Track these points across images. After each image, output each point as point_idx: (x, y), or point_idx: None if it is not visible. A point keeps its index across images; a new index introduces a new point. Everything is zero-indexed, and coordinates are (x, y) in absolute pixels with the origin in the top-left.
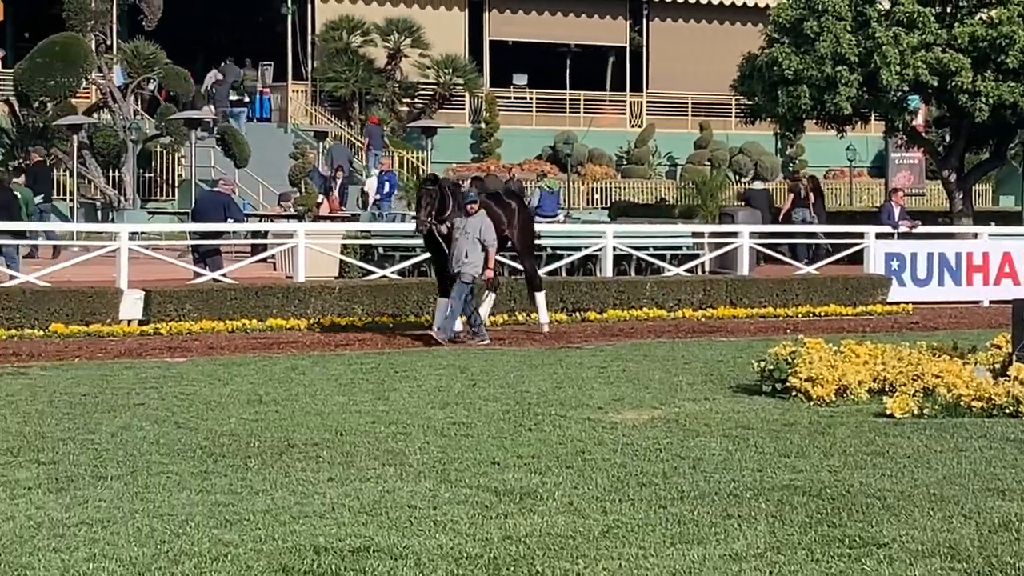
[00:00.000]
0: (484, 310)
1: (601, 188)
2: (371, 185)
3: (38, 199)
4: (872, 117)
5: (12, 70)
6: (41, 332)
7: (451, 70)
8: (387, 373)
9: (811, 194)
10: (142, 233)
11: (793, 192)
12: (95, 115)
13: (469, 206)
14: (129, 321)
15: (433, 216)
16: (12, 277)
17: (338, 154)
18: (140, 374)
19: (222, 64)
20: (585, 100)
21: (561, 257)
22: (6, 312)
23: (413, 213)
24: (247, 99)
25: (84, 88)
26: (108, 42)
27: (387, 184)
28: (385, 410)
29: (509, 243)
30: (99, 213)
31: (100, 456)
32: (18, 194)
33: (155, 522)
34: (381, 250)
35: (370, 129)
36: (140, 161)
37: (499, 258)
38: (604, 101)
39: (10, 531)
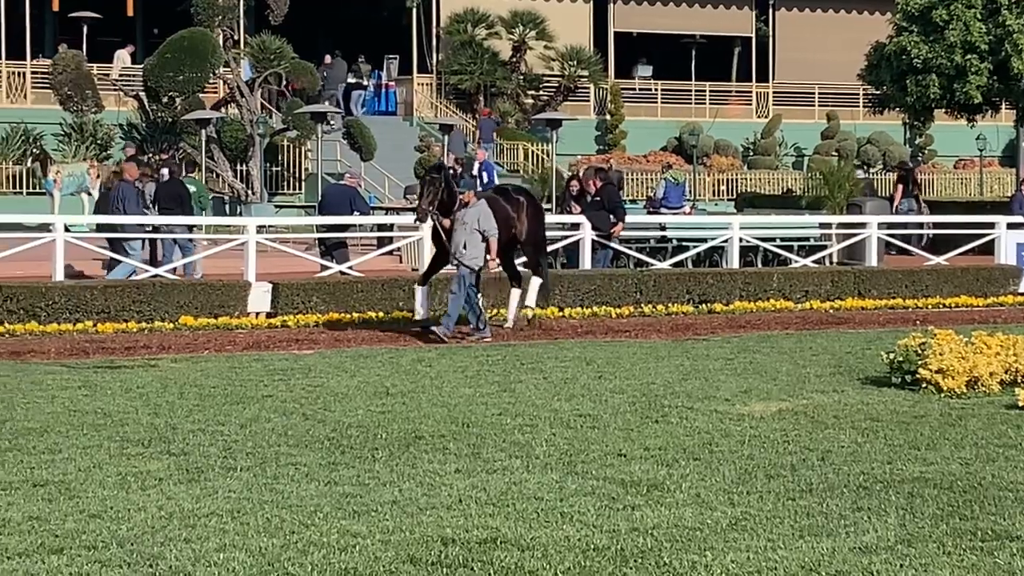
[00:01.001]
0: (513, 307)
1: (727, 179)
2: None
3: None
4: (1003, 106)
5: (141, 66)
6: (171, 325)
7: (576, 62)
8: (513, 365)
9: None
10: (269, 226)
11: (901, 182)
12: (223, 110)
13: (462, 196)
14: (257, 314)
15: (435, 206)
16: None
17: (455, 143)
18: (268, 366)
19: (329, 58)
20: (711, 91)
21: (687, 249)
22: (137, 305)
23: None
24: (365, 82)
25: (212, 83)
26: (235, 37)
27: (485, 175)
28: (511, 402)
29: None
30: (227, 207)
31: (229, 447)
32: (191, 187)
33: (284, 513)
34: None
35: (482, 122)
36: (267, 155)
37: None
38: (730, 92)
39: (142, 521)
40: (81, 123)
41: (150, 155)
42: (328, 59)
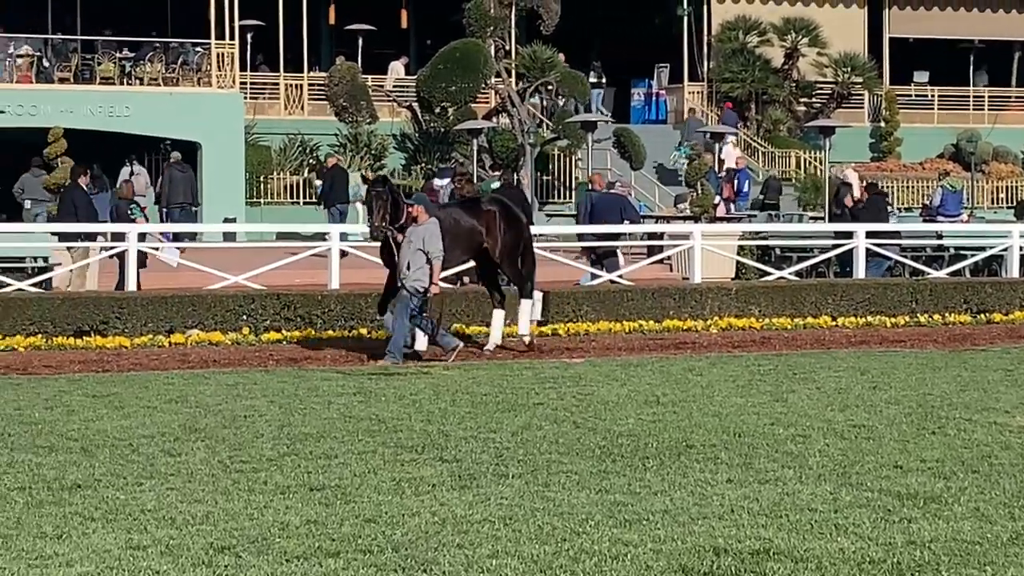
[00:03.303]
0: (523, 321)
1: (1006, 186)
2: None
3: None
4: None
5: (415, 77)
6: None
7: (850, 69)
8: (785, 375)
9: None
10: (540, 235)
11: None
12: (494, 119)
13: (412, 209)
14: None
15: (387, 222)
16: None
17: (692, 132)
18: (539, 374)
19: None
20: (989, 96)
21: (964, 257)
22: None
23: (810, 213)
24: (603, 79)
25: (483, 93)
26: (506, 47)
27: (740, 181)
28: (784, 412)
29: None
30: None
31: (501, 454)
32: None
33: (555, 520)
34: (778, 251)
35: (725, 114)
36: (537, 164)
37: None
38: (1010, 97)
39: (416, 527)
40: (356, 134)
41: (423, 164)
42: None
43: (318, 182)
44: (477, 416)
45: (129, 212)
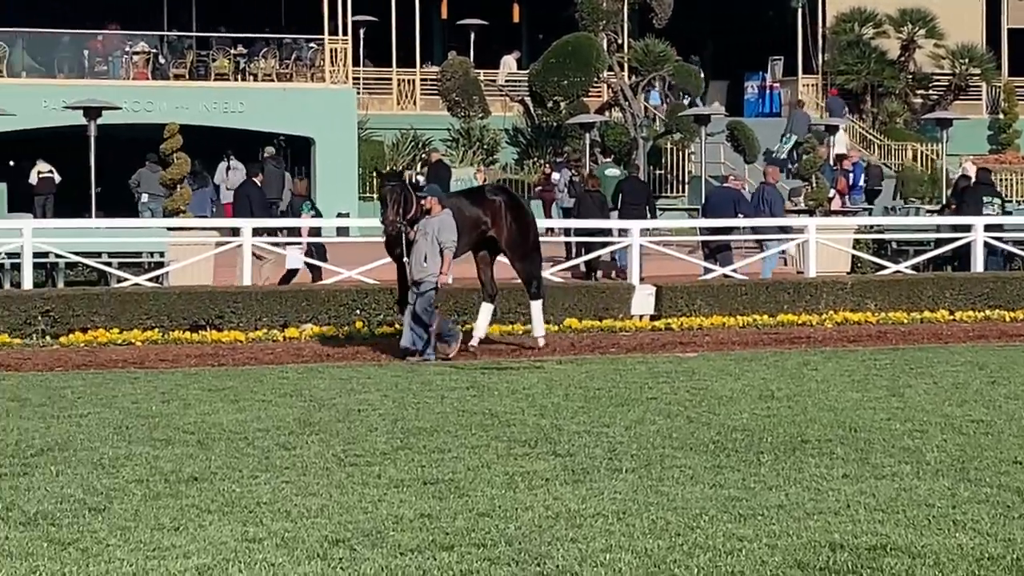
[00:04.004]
0: (481, 322)
1: None
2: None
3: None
4: None
5: (527, 71)
6: (556, 327)
7: (967, 60)
8: (902, 369)
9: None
10: (653, 229)
11: None
12: (606, 113)
13: (426, 201)
14: (641, 316)
15: (401, 215)
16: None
17: (799, 124)
18: (652, 369)
19: None
20: None
21: None
22: (523, 308)
23: (927, 207)
24: (701, 74)
25: (596, 87)
26: (619, 41)
27: (855, 175)
28: (900, 407)
29: (499, 245)
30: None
31: (614, 449)
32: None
33: (669, 515)
34: (895, 244)
35: (830, 101)
36: (650, 158)
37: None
38: None
39: (529, 521)
40: (468, 128)
41: (535, 159)
42: None
43: (420, 177)
44: (590, 410)
45: (302, 208)
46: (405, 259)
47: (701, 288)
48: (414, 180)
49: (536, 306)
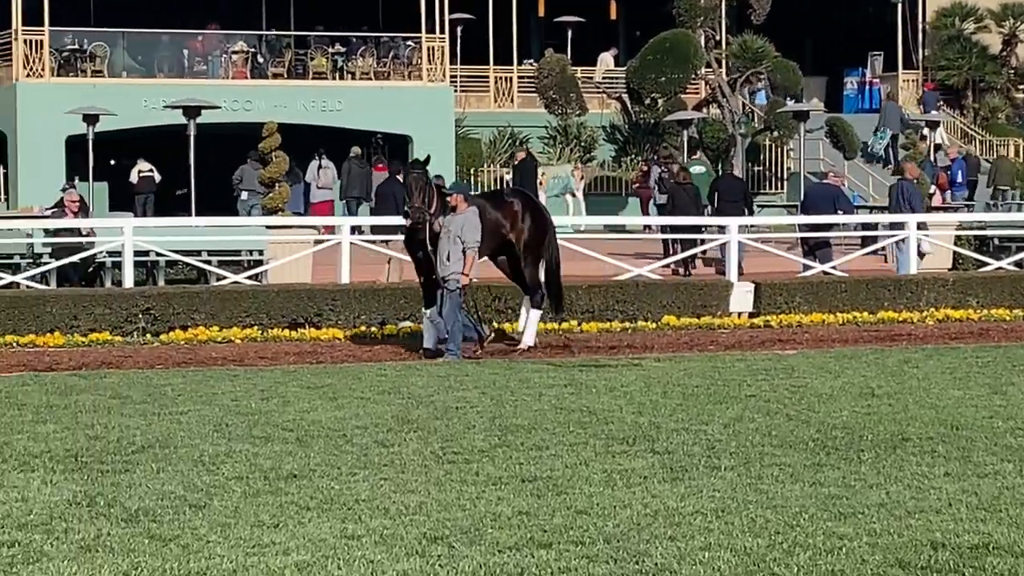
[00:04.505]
0: (530, 330)
1: None
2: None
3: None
4: None
5: (624, 68)
6: (654, 324)
7: None
8: (1004, 367)
9: None
10: (752, 226)
11: None
12: (704, 110)
13: (451, 198)
14: (739, 313)
15: (427, 204)
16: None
17: (891, 118)
18: (751, 366)
19: None
20: None
21: None
22: (621, 305)
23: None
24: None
25: (693, 83)
26: (716, 37)
27: (954, 171)
28: (1003, 405)
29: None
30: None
31: (713, 446)
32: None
33: (768, 513)
34: (996, 241)
35: (925, 96)
36: (749, 154)
37: None
38: None
39: (627, 518)
40: (565, 126)
41: (632, 156)
42: None
43: (508, 176)
44: (688, 408)
45: None
46: (430, 248)
47: (800, 285)
48: (506, 182)
49: (535, 316)
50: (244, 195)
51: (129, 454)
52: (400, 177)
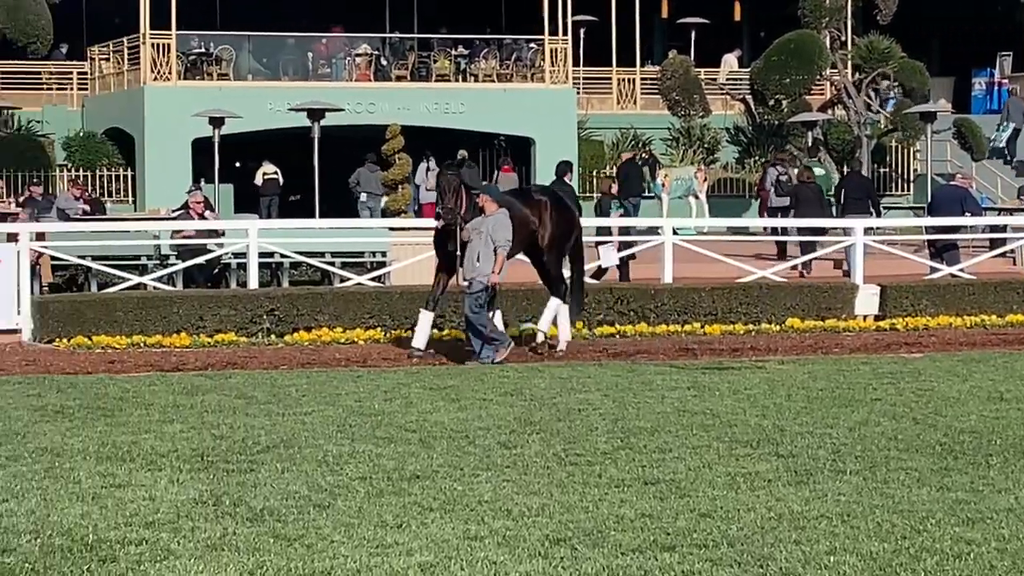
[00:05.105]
0: (546, 317)
1: None
2: None
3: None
4: None
5: (748, 69)
6: (777, 327)
7: None
8: None
9: None
10: (876, 228)
11: None
12: (829, 111)
13: (479, 199)
14: (864, 316)
15: (460, 206)
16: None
17: (1015, 112)
18: (876, 369)
19: None
20: None
21: None
22: (744, 307)
23: None
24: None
25: (818, 85)
26: (842, 38)
27: None
28: None
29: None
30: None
31: (838, 450)
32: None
33: (894, 517)
34: None
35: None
36: (874, 156)
37: None
38: None
39: (752, 522)
40: (688, 127)
41: (756, 158)
42: None
43: (650, 177)
44: (813, 411)
45: (611, 208)
46: (458, 254)
47: (927, 288)
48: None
49: (553, 303)
50: (363, 197)
51: (254, 454)
52: (566, 179)
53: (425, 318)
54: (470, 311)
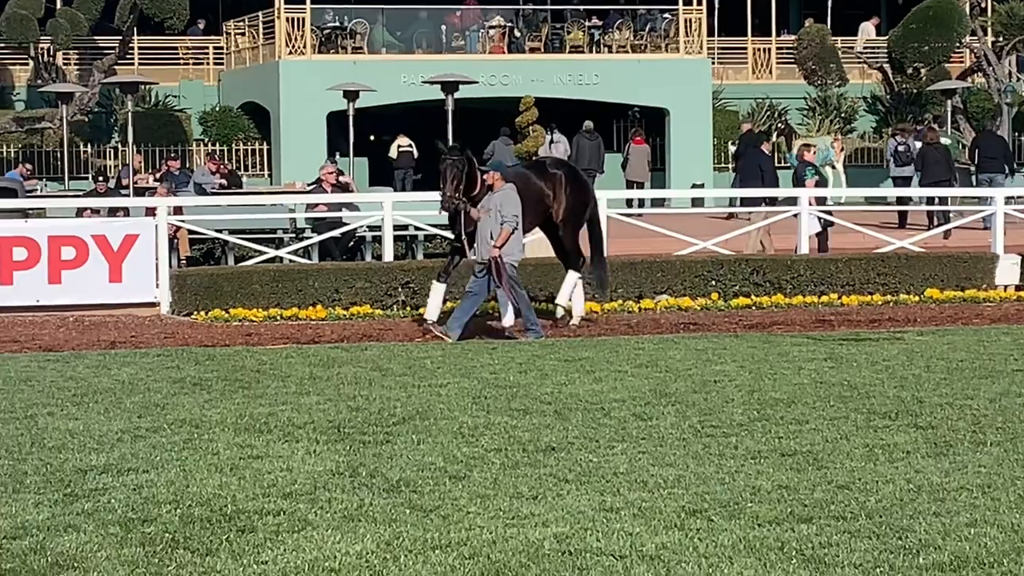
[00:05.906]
0: (564, 291)
1: None
2: None
3: None
4: None
5: (886, 37)
6: (916, 297)
7: None
8: None
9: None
10: (1018, 197)
11: None
12: (969, 79)
13: (487, 176)
14: (1005, 286)
15: (460, 192)
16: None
17: None
18: (1017, 340)
19: None
20: None
21: None
22: (882, 278)
23: None
24: None
25: (958, 52)
26: (982, 4)
27: None
28: None
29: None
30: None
31: (978, 421)
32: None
33: None
34: None
35: None
36: (1015, 124)
37: None
38: None
39: (890, 494)
40: (825, 97)
41: (894, 125)
42: None
43: (732, 147)
44: (952, 382)
45: (805, 174)
46: (463, 237)
47: None
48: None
49: (572, 276)
50: None
51: (390, 425)
52: (765, 148)
53: (437, 290)
54: (508, 288)
